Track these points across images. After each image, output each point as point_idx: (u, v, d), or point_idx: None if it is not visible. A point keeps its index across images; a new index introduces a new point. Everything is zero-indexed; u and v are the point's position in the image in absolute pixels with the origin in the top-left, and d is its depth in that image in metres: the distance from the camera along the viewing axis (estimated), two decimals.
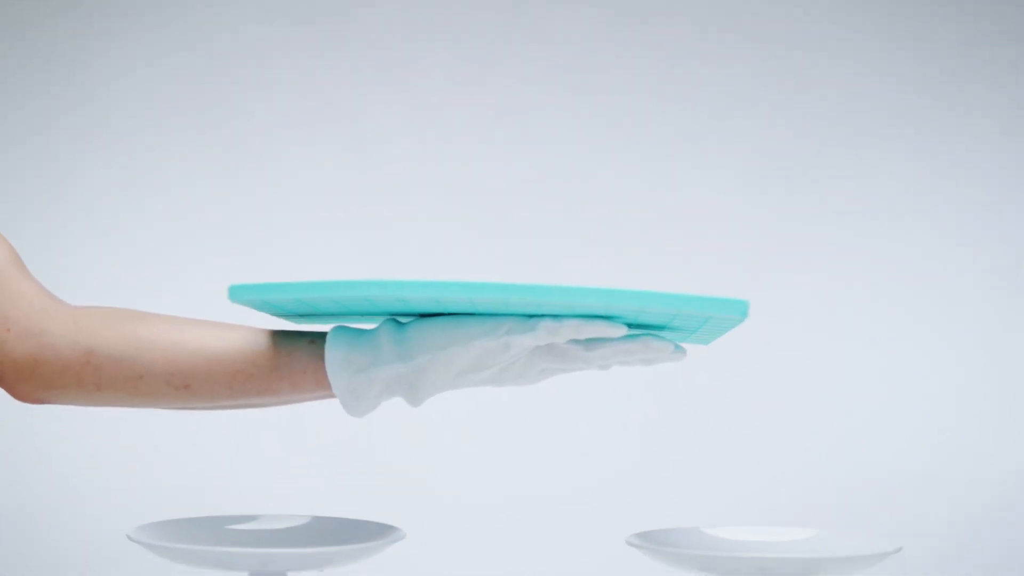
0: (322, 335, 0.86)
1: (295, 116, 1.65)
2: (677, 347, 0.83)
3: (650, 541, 0.94)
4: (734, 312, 0.79)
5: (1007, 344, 1.64)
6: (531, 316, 0.83)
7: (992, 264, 1.65)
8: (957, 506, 1.60)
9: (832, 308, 1.63)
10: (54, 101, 1.64)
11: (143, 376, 0.85)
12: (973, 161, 1.66)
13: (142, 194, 1.64)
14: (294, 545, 0.91)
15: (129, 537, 0.91)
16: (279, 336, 0.86)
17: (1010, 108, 1.67)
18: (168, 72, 1.65)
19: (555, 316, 0.82)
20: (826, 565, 0.87)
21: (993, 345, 1.64)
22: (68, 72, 1.65)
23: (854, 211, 1.65)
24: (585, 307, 0.80)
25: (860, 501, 1.58)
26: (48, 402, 0.87)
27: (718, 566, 0.88)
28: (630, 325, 0.85)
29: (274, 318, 1.57)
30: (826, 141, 1.65)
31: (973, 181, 1.66)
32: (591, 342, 0.83)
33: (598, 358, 0.84)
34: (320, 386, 0.85)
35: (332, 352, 0.84)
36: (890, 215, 1.65)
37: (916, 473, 1.61)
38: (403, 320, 0.86)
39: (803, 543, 0.96)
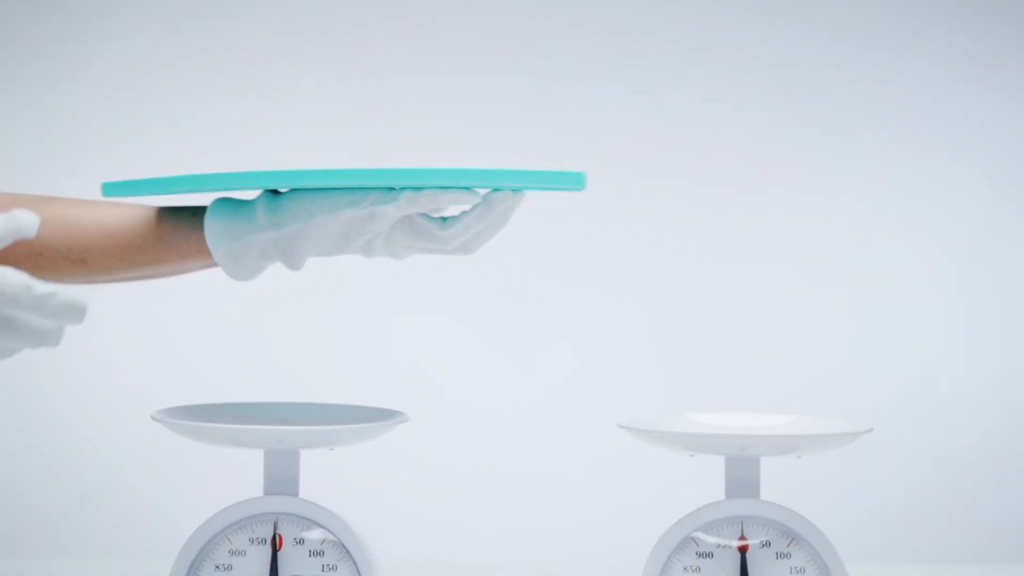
0: (205, 208, 0.93)
1: (292, 36, 1.68)
2: (515, 191, 0.90)
3: (640, 424, 1.00)
4: (571, 184, 0.86)
5: (997, 252, 1.69)
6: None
7: (989, 180, 1.69)
8: (931, 397, 1.67)
9: (825, 216, 1.68)
10: (55, 24, 1.67)
11: (43, 253, 0.92)
12: (970, 77, 1.70)
13: (144, 117, 1.67)
14: (307, 425, 0.98)
15: (152, 417, 0.97)
16: (167, 210, 0.94)
17: (1010, 31, 1.70)
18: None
19: (417, 188, 0.88)
20: (804, 442, 0.94)
21: (984, 252, 1.69)
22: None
23: (850, 127, 1.69)
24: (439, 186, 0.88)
25: (839, 393, 1.65)
26: None
27: (703, 443, 0.95)
28: None
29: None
30: (824, 59, 1.69)
31: (971, 97, 1.70)
32: (447, 221, 0.90)
33: (453, 236, 0.91)
34: (203, 254, 0.93)
35: (211, 221, 0.91)
36: (887, 130, 1.69)
37: (895, 368, 1.67)
38: (282, 191, 0.93)
39: (783, 425, 1.03)
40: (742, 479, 0.97)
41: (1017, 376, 1.68)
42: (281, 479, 0.97)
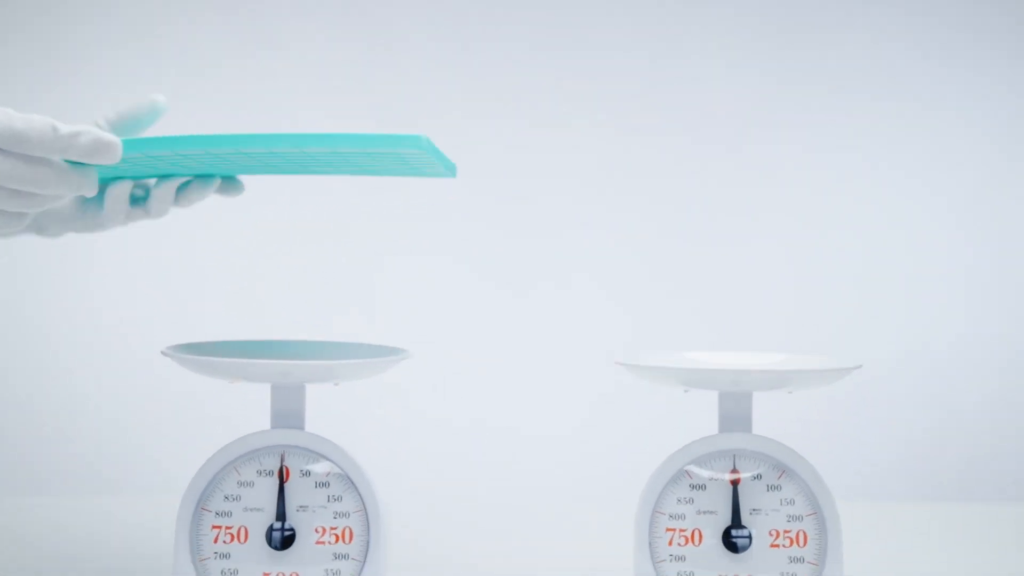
0: None
1: None
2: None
3: (637, 360, 1.03)
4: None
5: (1000, 195, 1.71)
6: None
7: (992, 127, 1.70)
8: (926, 340, 1.70)
9: (827, 163, 1.70)
10: None
11: None
12: (970, 22, 1.71)
13: (147, 71, 1.68)
14: (312, 360, 1.00)
15: (163, 352, 1.00)
16: None
17: None
18: None
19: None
20: (794, 377, 0.96)
21: (987, 195, 1.71)
22: None
23: (850, 70, 1.70)
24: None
25: (837, 336, 1.67)
26: None
27: (698, 379, 0.98)
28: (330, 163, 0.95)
29: None
30: (833, 6, 1.70)
31: (972, 44, 1.72)
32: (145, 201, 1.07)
33: (158, 211, 1.08)
34: None
35: None
36: (889, 79, 1.70)
37: (892, 312, 1.70)
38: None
39: (775, 362, 1.06)
40: (735, 414, 1.00)
41: (1013, 319, 1.71)
42: (288, 413, 1.00)
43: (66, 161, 0.89)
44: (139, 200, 1.12)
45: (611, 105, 1.68)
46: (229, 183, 1.12)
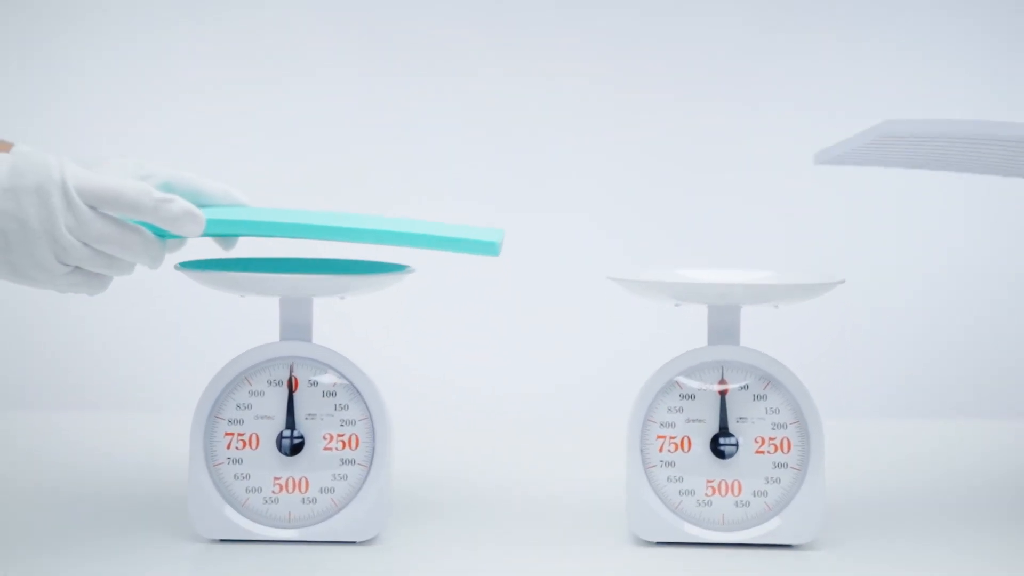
0: None
1: None
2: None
3: (629, 275, 1.07)
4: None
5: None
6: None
7: (991, 47, 1.72)
8: (915, 259, 1.74)
9: (823, 87, 1.71)
10: None
11: None
12: None
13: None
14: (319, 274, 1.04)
15: (176, 267, 1.04)
16: None
17: None
18: None
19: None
20: (780, 291, 1.00)
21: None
22: None
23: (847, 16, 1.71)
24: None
25: (823, 257, 1.71)
26: None
27: (688, 293, 1.02)
28: None
29: None
30: None
31: None
32: None
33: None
34: None
35: None
36: (883, 19, 1.72)
37: (877, 229, 1.73)
38: None
39: (762, 277, 1.10)
40: (723, 327, 1.04)
41: (1006, 241, 1.74)
42: (296, 325, 1.03)
43: (153, 231, 0.91)
44: None
45: (607, 33, 1.69)
46: (229, 240, 1.08)
